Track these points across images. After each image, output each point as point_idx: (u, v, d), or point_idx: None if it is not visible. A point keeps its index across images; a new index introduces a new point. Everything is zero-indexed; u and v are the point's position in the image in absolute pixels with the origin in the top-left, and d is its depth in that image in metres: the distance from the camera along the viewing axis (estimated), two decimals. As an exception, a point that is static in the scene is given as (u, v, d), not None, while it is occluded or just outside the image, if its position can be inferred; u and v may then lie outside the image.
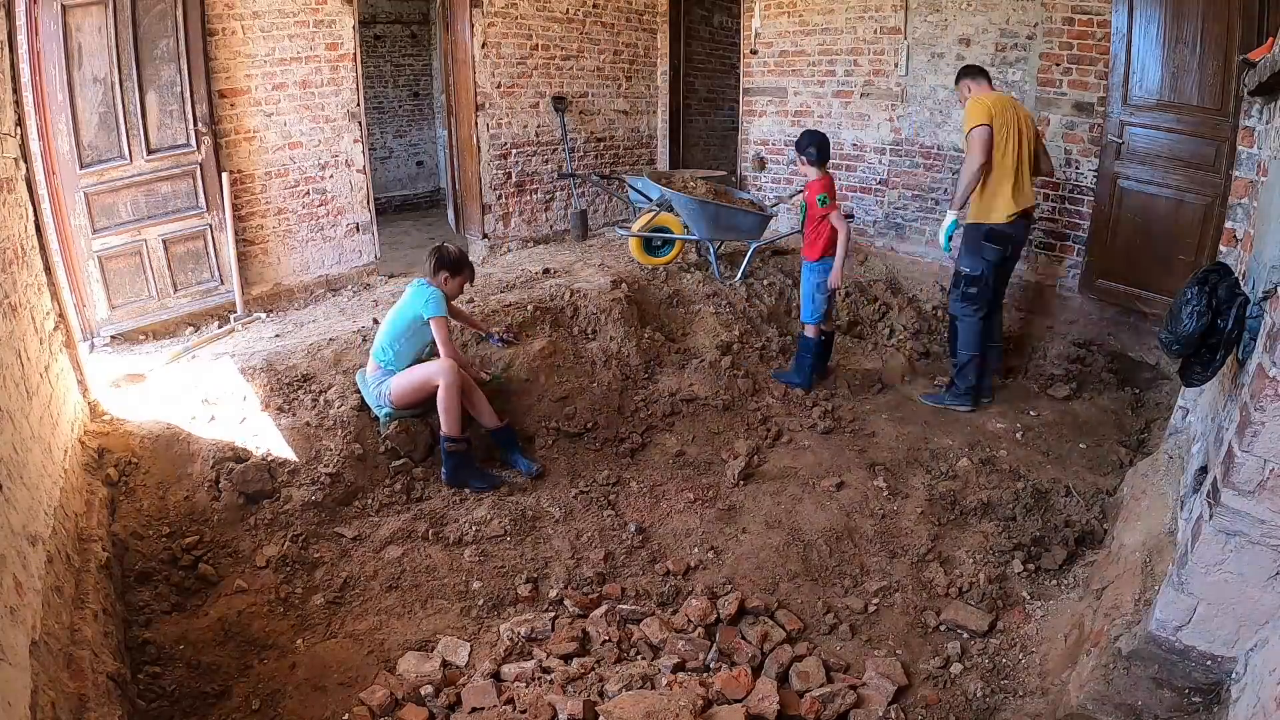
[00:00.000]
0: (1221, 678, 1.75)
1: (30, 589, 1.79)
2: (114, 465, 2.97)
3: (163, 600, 2.56)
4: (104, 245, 4.05)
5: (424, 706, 2.21)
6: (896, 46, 5.42)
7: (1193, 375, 1.99)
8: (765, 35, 6.25)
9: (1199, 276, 1.95)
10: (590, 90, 6.44)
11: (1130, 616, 2.01)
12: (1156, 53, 4.17)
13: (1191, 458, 2.39)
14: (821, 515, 3.19)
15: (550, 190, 6.35)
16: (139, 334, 4.23)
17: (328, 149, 4.90)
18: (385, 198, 7.67)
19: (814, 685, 2.30)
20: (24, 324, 2.49)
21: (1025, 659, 2.42)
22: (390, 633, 2.57)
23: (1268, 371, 1.54)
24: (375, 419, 3.43)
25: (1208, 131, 4.02)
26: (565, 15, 6.06)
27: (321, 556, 2.87)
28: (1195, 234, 4.15)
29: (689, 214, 4.96)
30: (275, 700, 2.26)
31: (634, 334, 4.33)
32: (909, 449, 3.69)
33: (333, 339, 3.85)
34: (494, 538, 3.02)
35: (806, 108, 6.12)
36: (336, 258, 5.11)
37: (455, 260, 3.45)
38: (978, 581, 2.76)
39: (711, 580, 2.85)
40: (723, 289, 4.93)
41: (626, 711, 2.02)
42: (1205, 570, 1.70)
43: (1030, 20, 4.74)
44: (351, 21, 4.83)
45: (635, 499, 3.35)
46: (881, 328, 5.09)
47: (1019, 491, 3.23)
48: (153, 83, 4.04)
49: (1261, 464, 1.56)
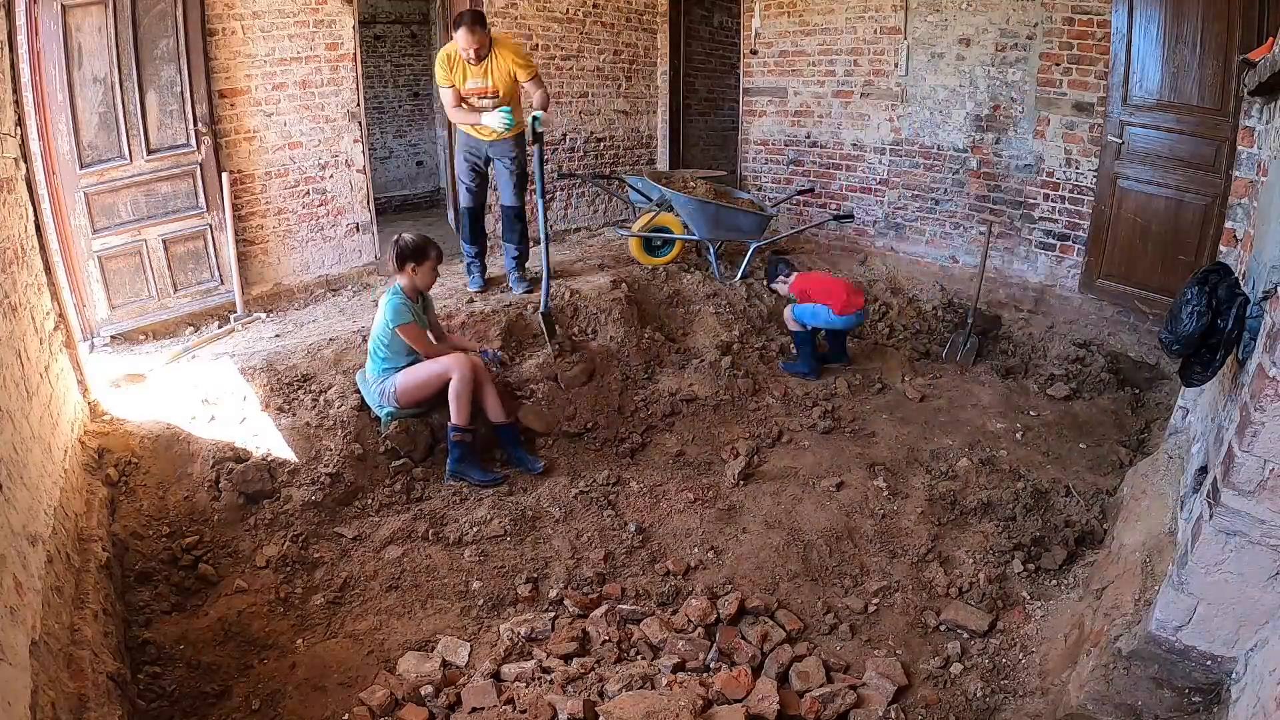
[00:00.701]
0: (1221, 678, 1.75)
1: (30, 589, 1.79)
2: (114, 465, 2.97)
3: (163, 600, 2.56)
4: (104, 245, 4.05)
5: (424, 706, 2.21)
6: (896, 46, 5.42)
7: (1193, 375, 1.99)
8: (765, 35, 6.25)
9: (1199, 276, 1.95)
10: (590, 90, 6.43)
11: (1130, 616, 2.01)
12: (1156, 53, 4.17)
13: (1191, 458, 2.39)
14: (821, 515, 3.19)
15: (550, 190, 6.34)
16: (139, 334, 4.23)
17: (328, 149, 4.90)
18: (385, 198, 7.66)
19: (814, 685, 2.30)
20: (24, 324, 2.49)
21: (1025, 659, 2.42)
22: (390, 633, 2.57)
23: (1268, 371, 1.54)
24: (375, 419, 3.43)
25: (1208, 131, 4.02)
26: (565, 15, 6.06)
27: (321, 556, 2.87)
28: (1195, 234, 4.16)
29: (689, 214, 4.97)
30: (275, 700, 2.26)
31: (634, 334, 4.33)
32: (909, 449, 3.69)
33: (333, 339, 3.85)
34: (494, 538, 3.02)
35: (806, 108, 6.12)
36: (336, 258, 5.11)
37: (416, 247, 3.30)
38: (978, 581, 2.76)
39: (711, 580, 2.85)
40: (723, 289, 4.94)
41: (626, 711, 2.02)
42: (1205, 570, 1.70)
43: (1030, 20, 4.74)
44: (351, 21, 4.83)
45: (635, 499, 3.35)
46: (881, 328, 5.09)
47: (1019, 491, 3.23)
48: (153, 83, 4.04)
49: (1261, 464, 1.56)
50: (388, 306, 3.28)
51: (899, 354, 4.77)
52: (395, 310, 3.26)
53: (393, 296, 3.30)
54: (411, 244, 3.31)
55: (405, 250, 3.30)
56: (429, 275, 3.38)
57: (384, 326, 3.30)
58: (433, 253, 3.35)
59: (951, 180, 5.38)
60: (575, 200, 6.51)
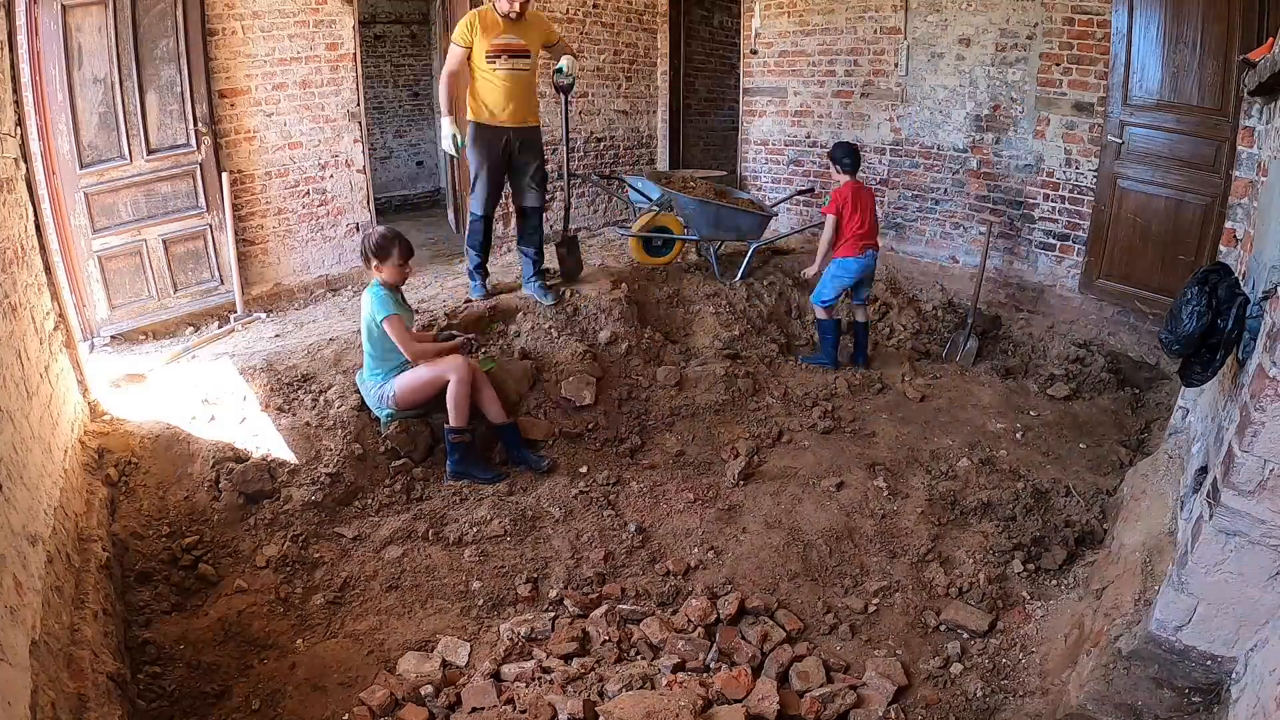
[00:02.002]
0: (1221, 678, 1.75)
1: (30, 589, 1.79)
2: (114, 465, 2.97)
3: (163, 600, 2.56)
4: (104, 245, 4.05)
5: (424, 706, 2.21)
6: (896, 46, 5.42)
7: (1193, 375, 1.99)
8: (765, 35, 6.25)
9: (1199, 276, 1.95)
10: (590, 90, 6.43)
11: (1130, 616, 2.01)
12: (1156, 53, 4.17)
13: (1191, 458, 2.39)
14: (821, 515, 3.19)
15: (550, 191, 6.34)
16: (139, 334, 4.23)
17: (328, 149, 4.90)
18: (385, 198, 7.67)
19: (814, 685, 2.30)
20: (24, 324, 2.49)
21: (1025, 659, 2.42)
22: (390, 633, 2.56)
23: (1268, 371, 1.54)
24: (375, 419, 3.43)
25: (1208, 131, 4.02)
26: (565, 15, 6.06)
27: (321, 556, 2.87)
28: (1195, 234, 4.16)
29: (689, 214, 4.97)
30: (275, 700, 2.26)
31: (634, 334, 4.33)
32: (909, 449, 3.69)
33: (333, 339, 3.85)
34: (494, 538, 3.02)
35: (806, 108, 6.12)
36: (336, 258, 5.12)
37: (378, 244, 3.19)
38: (978, 581, 2.76)
39: (711, 580, 2.85)
40: (723, 289, 4.94)
41: (626, 711, 2.02)
42: (1205, 570, 1.70)
43: (1030, 20, 4.74)
44: (351, 21, 4.83)
45: (635, 499, 3.35)
46: (881, 327, 5.09)
47: (1019, 491, 3.23)
48: (153, 83, 4.04)
49: (1261, 464, 1.56)
50: (372, 300, 3.21)
51: (899, 354, 4.77)
52: (381, 301, 3.18)
53: (375, 289, 3.24)
54: (375, 240, 3.23)
55: (368, 247, 3.23)
56: (396, 275, 3.26)
57: (370, 322, 3.25)
58: (398, 249, 3.22)
59: (951, 180, 5.38)
60: (575, 200, 6.50)
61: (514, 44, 3.91)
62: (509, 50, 3.90)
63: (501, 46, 3.88)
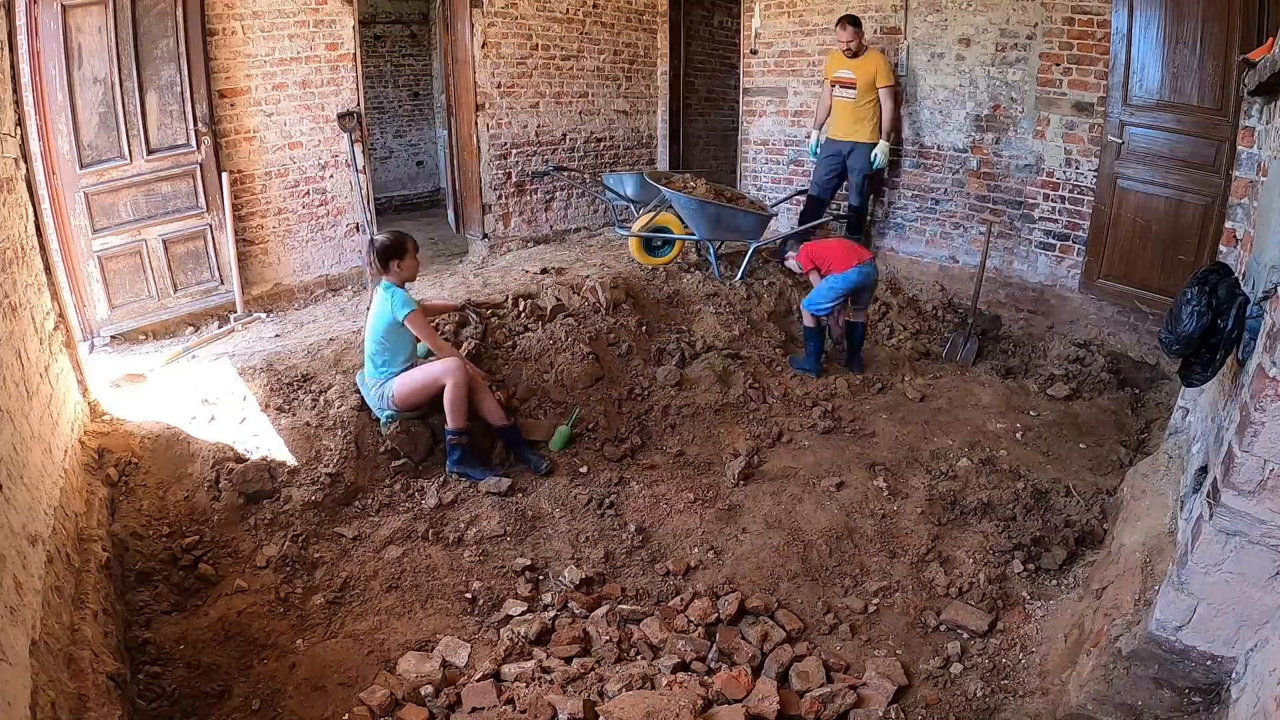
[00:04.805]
0: (1221, 678, 1.75)
1: (30, 589, 1.79)
2: (114, 465, 2.96)
3: (163, 600, 2.56)
4: (104, 245, 4.05)
5: (424, 706, 2.21)
6: (896, 46, 5.42)
7: (1193, 375, 1.99)
8: (765, 35, 6.25)
9: (1199, 276, 1.95)
10: (590, 90, 6.43)
11: (1130, 616, 2.01)
12: (1156, 53, 4.17)
13: (1191, 458, 2.39)
14: (821, 515, 3.19)
15: (550, 190, 6.35)
16: (139, 334, 4.23)
17: (328, 149, 4.90)
18: (385, 198, 7.67)
19: (814, 685, 2.30)
20: (24, 324, 2.49)
21: (1025, 659, 2.42)
22: (390, 633, 2.57)
23: (1268, 371, 1.54)
24: (375, 419, 3.43)
25: (1208, 131, 4.02)
26: (565, 15, 6.06)
27: (321, 556, 2.87)
28: (1195, 234, 4.16)
29: (689, 214, 4.96)
30: (275, 700, 2.26)
31: (634, 334, 4.33)
32: (909, 449, 3.69)
33: (333, 339, 3.85)
34: (494, 538, 3.03)
35: (806, 108, 6.11)
36: (336, 258, 5.11)
37: (394, 244, 3.35)
38: (978, 581, 2.76)
39: (712, 580, 2.85)
40: (723, 289, 4.93)
41: (626, 711, 2.02)
42: (1205, 570, 1.70)
43: (1030, 20, 4.74)
44: (351, 21, 4.83)
45: (635, 499, 3.35)
46: (881, 328, 5.09)
47: (1019, 491, 3.23)
48: (153, 83, 4.04)
49: (1261, 464, 1.57)
50: (393, 300, 3.27)
51: (899, 354, 4.77)
52: (404, 300, 3.28)
53: (394, 291, 3.30)
54: (390, 240, 3.37)
55: (387, 247, 3.34)
56: (413, 269, 3.41)
57: (387, 322, 3.29)
58: (410, 245, 3.39)
59: (951, 180, 5.38)
60: (575, 200, 6.51)
61: (845, 79, 5.18)
62: (841, 83, 5.22)
63: (836, 80, 5.26)
